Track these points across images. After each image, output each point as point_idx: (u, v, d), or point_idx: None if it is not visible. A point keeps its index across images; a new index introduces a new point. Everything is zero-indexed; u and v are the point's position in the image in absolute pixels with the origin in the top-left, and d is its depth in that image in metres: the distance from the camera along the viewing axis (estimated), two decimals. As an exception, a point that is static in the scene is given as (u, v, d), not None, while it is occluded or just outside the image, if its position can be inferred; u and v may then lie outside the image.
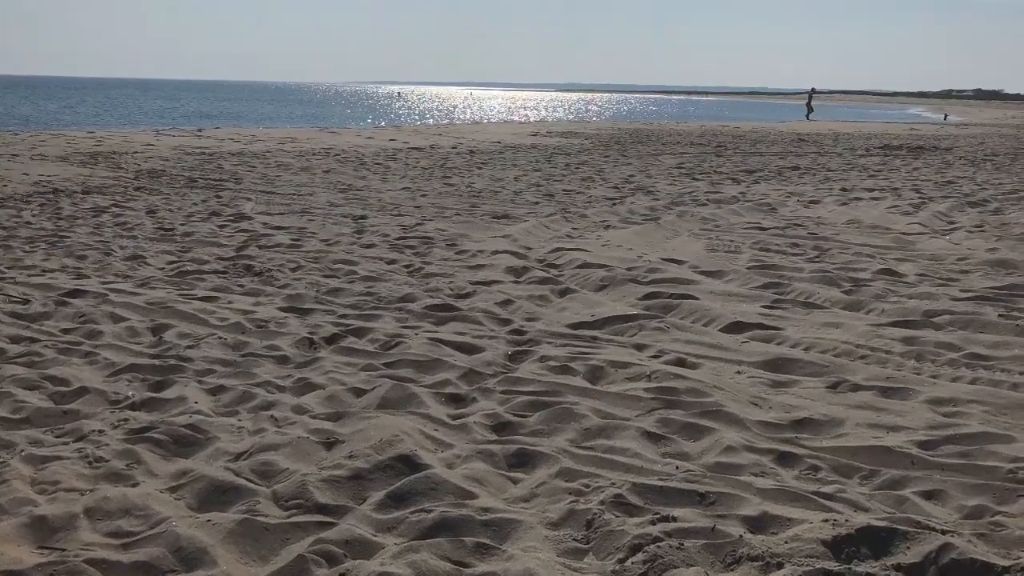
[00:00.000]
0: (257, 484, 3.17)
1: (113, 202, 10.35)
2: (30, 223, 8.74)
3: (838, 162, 18.20)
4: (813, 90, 53.65)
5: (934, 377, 4.42)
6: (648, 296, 6.03)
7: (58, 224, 8.73)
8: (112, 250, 7.47)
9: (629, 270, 6.80)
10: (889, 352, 4.80)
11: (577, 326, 5.32)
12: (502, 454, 3.44)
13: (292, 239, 8.18)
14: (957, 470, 3.30)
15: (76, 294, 5.87)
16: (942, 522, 2.87)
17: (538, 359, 4.65)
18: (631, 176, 14.60)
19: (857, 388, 4.25)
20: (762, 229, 9.04)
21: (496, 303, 5.83)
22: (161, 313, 5.46)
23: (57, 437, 3.62)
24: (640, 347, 4.92)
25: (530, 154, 19.16)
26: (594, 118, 52.15)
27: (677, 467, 3.32)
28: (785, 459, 3.42)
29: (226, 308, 5.62)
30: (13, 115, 37.06)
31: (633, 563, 2.63)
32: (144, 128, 27.44)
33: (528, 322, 5.41)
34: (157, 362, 4.54)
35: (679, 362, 4.63)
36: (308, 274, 6.71)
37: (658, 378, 4.33)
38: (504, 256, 7.40)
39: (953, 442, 3.55)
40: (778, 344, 4.98)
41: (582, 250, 7.62)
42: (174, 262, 7.08)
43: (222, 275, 6.64)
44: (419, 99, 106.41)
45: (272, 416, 3.83)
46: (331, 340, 4.99)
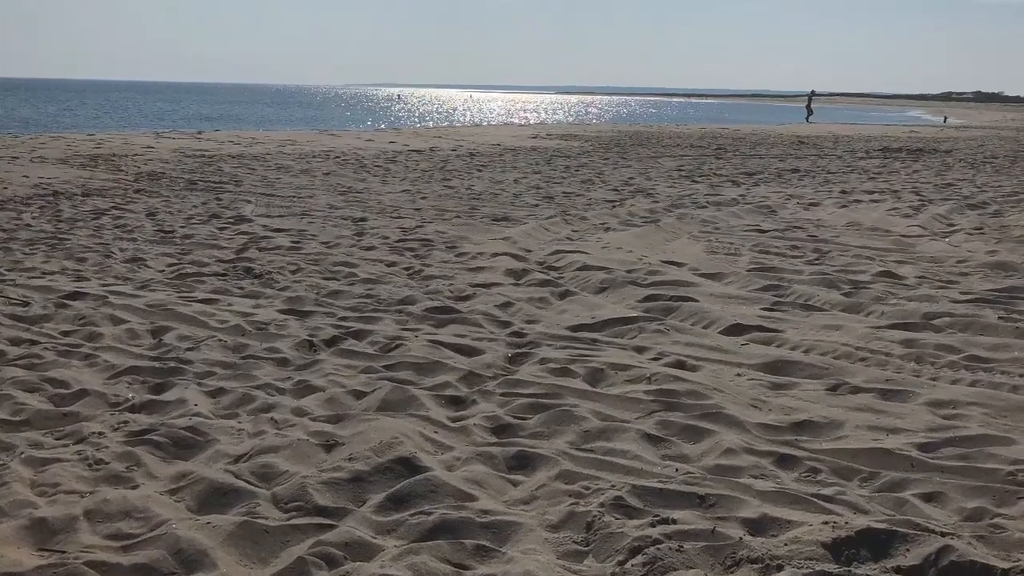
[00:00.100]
0: (257, 486, 3.17)
1: (113, 204, 10.36)
2: (30, 225, 8.74)
3: (838, 164, 18.21)
4: (813, 92, 53.71)
5: (934, 379, 4.42)
6: (648, 298, 6.03)
7: (58, 227, 8.73)
8: (112, 252, 7.48)
9: (629, 272, 6.80)
10: (889, 354, 4.80)
11: (577, 328, 5.32)
12: (502, 456, 3.44)
13: (292, 241, 8.19)
14: (957, 472, 3.30)
15: (76, 296, 5.88)
16: (942, 524, 2.87)
17: (538, 361, 4.65)
18: (631, 178, 14.60)
19: (857, 390, 4.25)
20: (762, 231, 9.05)
21: (496, 305, 5.83)
22: (161, 315, 5.46)
23: (57, 439, 3.62)
24: (640, 349, 4.92)
25: (530, 157, 19.17)
26: (594, 120, 52.18)
27: (677, 469, 3.32)
28: (785, 461, 3.42)
29: (226, 310, 5.62)
30: (13, 118, 37.09)
31: (633, 565, 2.63)
32: (144, 131, 27.45)
33: (528, 324, 5.41)
34: (157, 364, 4.54)
35: (679, 364, 4.63)
36: (308, 276, 6.71)
37: (658, 380, 4.33)
38: (504, 258, 7.40)
39: (953, 444, 3.55)
40: (778, 346, 4.98)
41: (582, 252, 7.62)
42: (174, 264, 7.08)
43: (222, 277, 6.64)
44: (419, 101, 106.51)
45: (272, 418, 3.83)
46: (331, 342, 4.99)
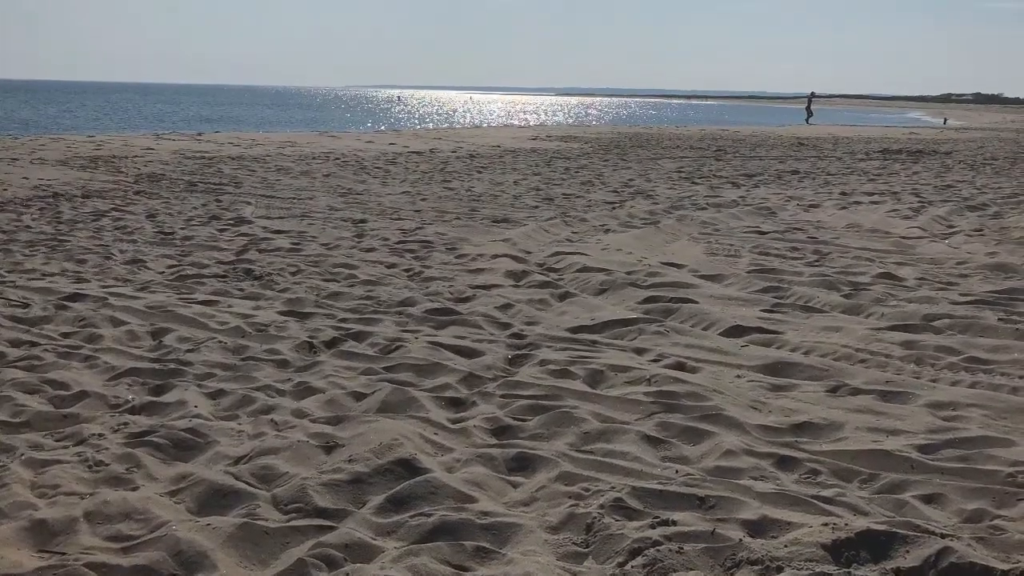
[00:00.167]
0: (257, 488, 3.17)
1: (113, 206, 10.36)
2: (30, 227, 8.75)
3: (837, 166, 18.22)
4: (813, 94, 53.75)
5: (934, 381, 4.42)
6: (648, 300, 6.03)
7: (58, 228, 8.73)
8: (112, 254, 7.48)
9: (629, 274, 6.80)
10: (889, 356, 4.80)
11: (577, 330, 5.33)
12: (502, 458, 3.44)
13: (292, 243, 8.19)
14: (956, 474, 3.30)
15: (76, 298, 5.88)
16: (941, 526, 2.87)
17: (538, 363, 4.66)
18: (631, 180, 14.61)
19: (857, 392, 4.25)
20: (761, 233, 9.05)
21: (496, 307, 5.83)
22: (161, 317, 5.46)
23: (57, 441, 3.62)
24: (640, 351, 4.93)
25: (530, 158, 19.18)
26: (594, 122, 52.21)
27: (677, 471, 3.32)
28: (785, 463, 3.42)
29: (226, 312, 5.62)
30: (13, 119, 37.11)
31: (633, 567, 2.63)
32: (144, 132, 27.46)
33: (528, 326, 5.41)
34: (157, 366, 4.54)
35: (679, 366, 4.63)
36: (308, 278, 6.71)
37: (658, 382, 4.33)
38: (504, 260, 7.41)
39: (953, 446, 3.55)
40: (778, 348, 4.98)
41: (582, 254, 7.62)
42: (174, 266, 7.08)
43: (222, 279, 6.65)
44: (419, 103, 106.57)
45: (272, 420, 3.83)
46: (331, 344, 4.99)
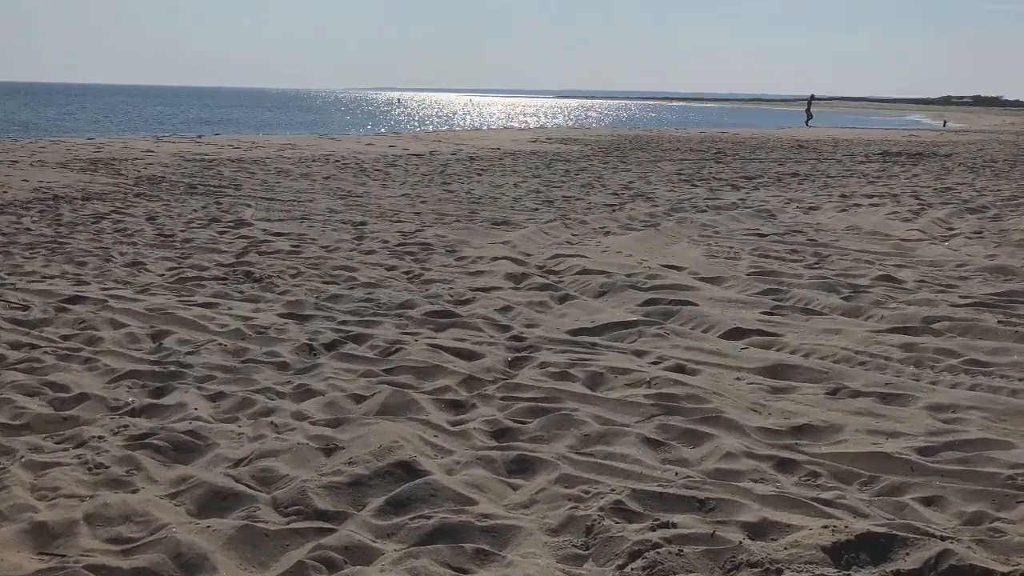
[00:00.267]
0: (257, 490, 3.17)
1: (113, 208, 10.37)
2: (30, 229, 8.75)
3: (837, 168, 18.23)
4: (812, 97, 53.79)
5: (933, 383, 4.42)
6: (648, 302, 6.03)
7: (58, 231, 8.73)
8: (112, 256, 7.48)
9: (629, 276, 6.80)
10: (888, 358, 4.80)
11: (577, 332, 5.33)
12: (502, 460, 3.44)
13: (292, 245, 8.19)
14: (956, 476, 3.30)
15: (76, 300, 5.88)
16: (941, 528, 2.87)
17: (538, 365, 4.66)
18: (630, 182, 14.62)
19: (856, 394, 4.25)
20: (761, 235, 9.05)
21: (496, 309, 5.83)
22: (161, 319, 5.47)
23: (57, 443, 3.62)
24: (640, 353, 4.93)
25: (530, 160, 19.18)
26: (593, 124, 52.22)
27: (677, 473, 3.32)
28: (784, 465, 3.42)
29: (226, 314, 5.62)
30: (13, 121, 37.13)
31: (633, 569, 2.63)
32: (144, 134, 27.46)
33: (528, 328, 5.42)
34: (157, 368, 4.54)
35: (679, 368, 4.63)
36: (308, 280, 6.72)
37: (658, 384, 4.33)
38: (504, 262, 7.41)
39: (952, 448, 3.55)
40: (777, 350, 4.98)
41: (582, 256, 7.62)
42: (174, 268, 7.09)
43: (222, 281, 6.65)
44: (419, 105, 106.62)
45: (272, 422, 3.83)
46: (331, 346, 4.99)
